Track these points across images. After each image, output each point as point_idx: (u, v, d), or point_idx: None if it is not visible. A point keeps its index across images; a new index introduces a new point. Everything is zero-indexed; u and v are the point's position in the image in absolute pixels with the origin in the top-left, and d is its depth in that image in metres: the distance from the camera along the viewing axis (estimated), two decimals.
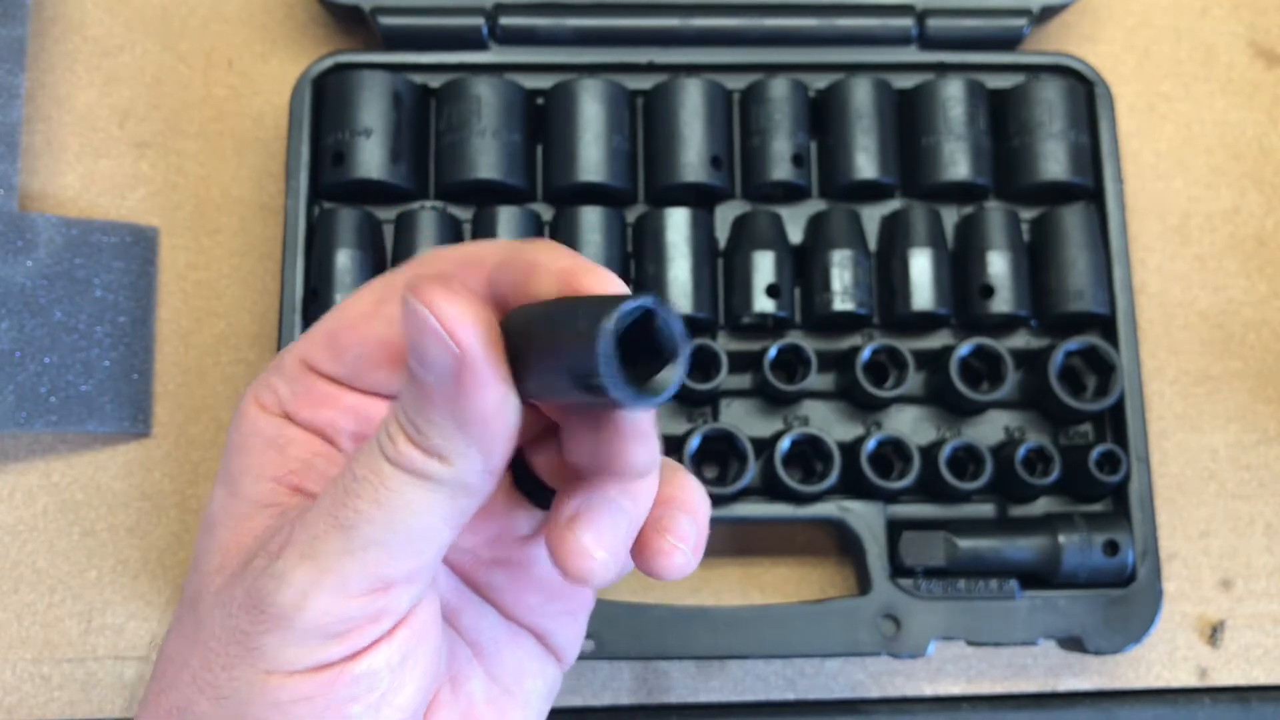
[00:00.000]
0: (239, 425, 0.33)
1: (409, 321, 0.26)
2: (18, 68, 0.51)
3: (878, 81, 0.52)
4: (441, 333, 0.25)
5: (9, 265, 0.49)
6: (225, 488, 0.32)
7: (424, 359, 0.26)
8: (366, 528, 0.27)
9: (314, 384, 0.32)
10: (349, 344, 0.32)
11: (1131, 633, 0.48)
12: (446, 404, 0.26)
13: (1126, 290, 0.51)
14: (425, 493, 0.27)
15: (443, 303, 0.25)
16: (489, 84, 0.51)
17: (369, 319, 0.31)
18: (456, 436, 0.27)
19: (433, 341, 0.26)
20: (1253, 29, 0.59)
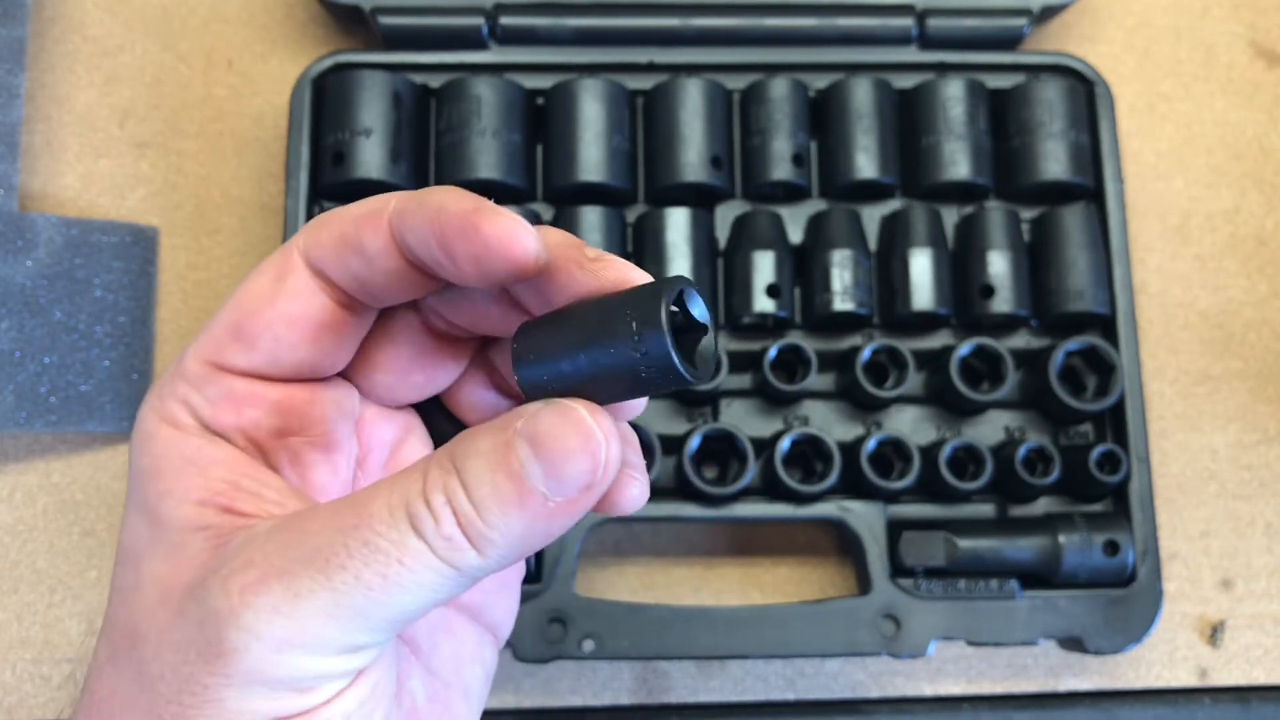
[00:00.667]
0: (147, 447, 0.30)
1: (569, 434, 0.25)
2: (18, 68, 0.51)
3: (878, 81, 0.52)
4: (600, 464, 0.25)
5: (9, 265, 0.49)
6: (142, 515, 0.29)
7: (560, 473, 0.25)
8: (360, 597, 0.25)
9: (229, 384, 0.30)
10: (258, 330, 0.30)
11: (1132, 633, 0.48)
12: (540, 516, 0.25)
13: (1127, 290, 0.51)
14: (442, 578, 0.25)
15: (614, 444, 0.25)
16: (489, 84, 0.51)
17: (273, 299, 0.30)
18: (518, 540, 0.25)
19: (584, 464, 0.25)
20: (1253, 29, 0.59)
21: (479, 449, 0.25)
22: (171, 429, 0.30)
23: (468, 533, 0.25)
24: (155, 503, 0.29)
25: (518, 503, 0.25)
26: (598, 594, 0.51)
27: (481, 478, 0.25)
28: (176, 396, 0.30)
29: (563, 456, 0.25)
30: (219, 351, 0.30)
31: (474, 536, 0.25)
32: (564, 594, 0.47)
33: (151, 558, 0.28)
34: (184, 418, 0.30)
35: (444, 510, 0.25)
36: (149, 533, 0.29)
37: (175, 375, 0.30)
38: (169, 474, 0.29)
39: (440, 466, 0.26)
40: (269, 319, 0.30)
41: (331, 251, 0.29)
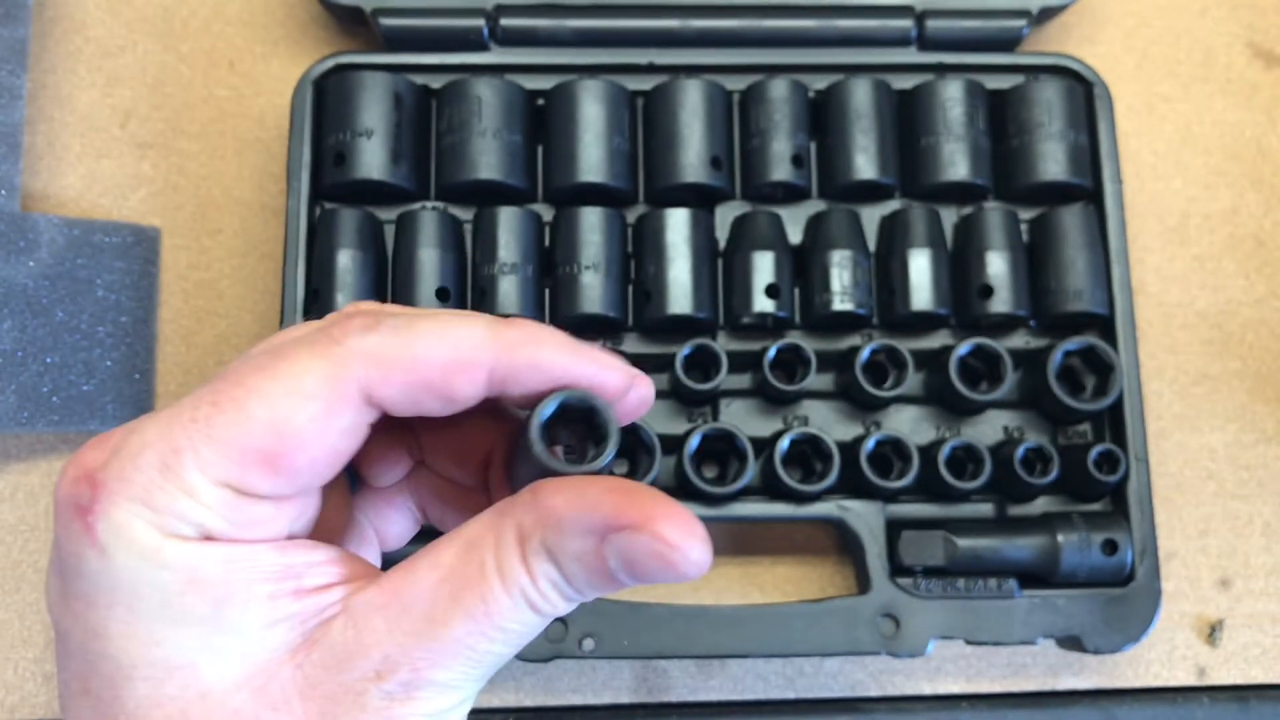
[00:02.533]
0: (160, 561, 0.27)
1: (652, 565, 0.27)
2: (20, 68, 0.51)
3: (877, 82, 0.52)
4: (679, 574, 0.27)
5: (11, 265, 0.49)
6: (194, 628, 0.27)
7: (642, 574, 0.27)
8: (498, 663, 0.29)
9: (252, 510, 0.28)
10: (299, 466, 0.28)
11: (1130, 632, 0.48)
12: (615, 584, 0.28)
13: (1125, 290, 0.51)
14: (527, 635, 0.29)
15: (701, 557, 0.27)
16: (490, 85, 0.51)
17: (323, 435, 0.28)
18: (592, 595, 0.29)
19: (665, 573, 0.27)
20: (1252, 29, 0.59)
21: (573, 552, 0.28)
22: (185, 544, 0.27)
23: (570, 601, 0.29)
24: (209, 611, 0.27)
25: (609, 588, 0.28)
26: None
27: (577, 574, 0.28)
28: (175, 512, 0.27)
29: (652, 577, 0.28)
30: (241, 477, 0.27)
31: (573, 602, 0.29)
32: None
33: (215, 665, 0.27)
34: (188, 534, 0.27)
35: (553, 594, 0.28)
36: (204, 642, 0.27)
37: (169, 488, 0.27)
38: (216, 581, 0.27)
39: (539, 556, 0.28)
40: (313, 456, 0.28)
41: (406, 396, 0.28)
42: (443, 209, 0.51)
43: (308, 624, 0.28)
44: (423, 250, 0.49)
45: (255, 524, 0.28)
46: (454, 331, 0.29)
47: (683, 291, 0.49)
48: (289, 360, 0.28)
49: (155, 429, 0.27)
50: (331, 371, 0.28)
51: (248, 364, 0.28)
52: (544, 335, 0.30)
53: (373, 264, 0.50)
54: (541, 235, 0.51)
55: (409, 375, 0.28)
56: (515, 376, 0.29)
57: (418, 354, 0.28)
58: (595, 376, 0.30)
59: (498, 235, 0.50)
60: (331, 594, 0.28)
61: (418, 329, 0.28)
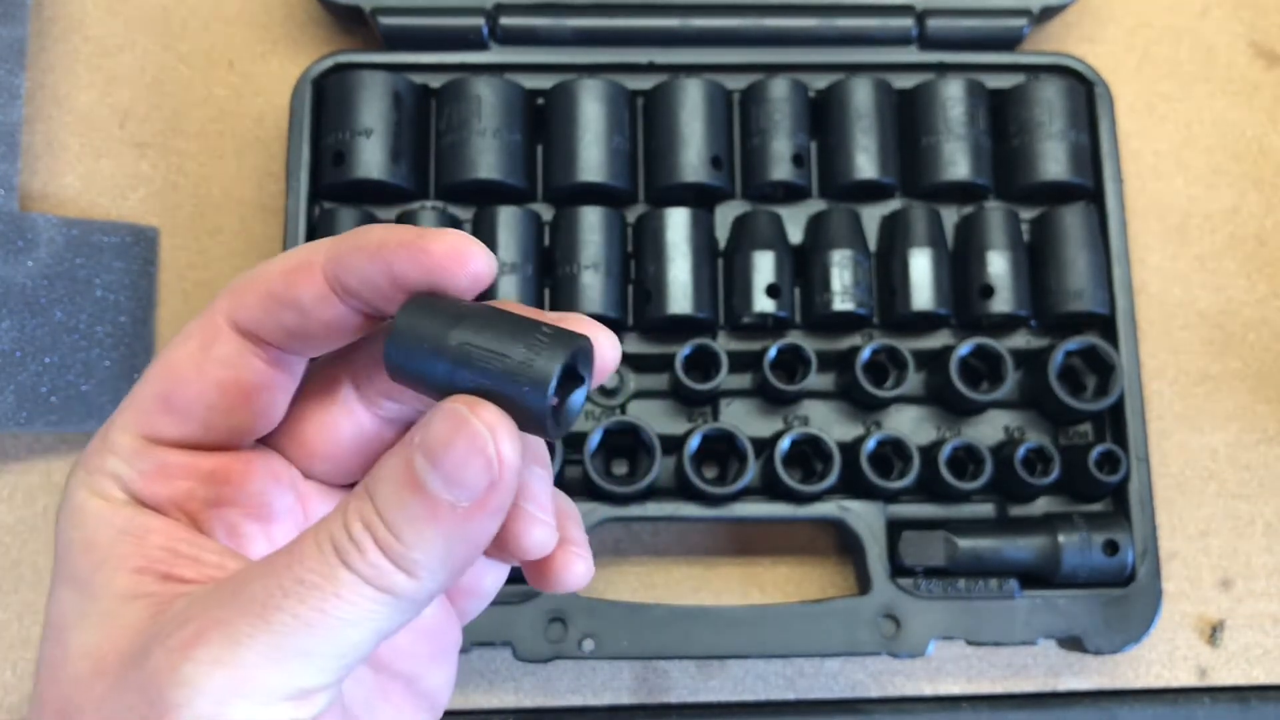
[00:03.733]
0: (76, 520, 0.29)
1: (453, 435, 0.24)
2: (18, 68, 0.51)
3: (878, 81, 0.52)
4: (495, 465, 0.24)
5: (10, 265, 0.49)
6: (71, 588, 0.28)
7: (456, 478, 0.25)
8: (302, 636, 0.25)
9: (160, 456, 0.29)
10: (188, 401, 0.29)
11: (1131, 632, 0.48)
12: (449, 524, 0.25)
13: (1126, 290, 0.51)
14: (377, 606, 0.25)
15: (507, 439, 0.25)
16: (489, 84, 0.51)
17: (201, 367, 0.29)
18: (441, 556, 0.25)
19: (480, 466, 0.24)
20: (1253, 29, 0.59)
21: (385, 472, 0.26)
22: (102, 502, 0.29)
23: (391, 556, 0.25)
24: (88, 575, 0.28)
25: (429, 517, 0.25)
26: (598, 594, 0.51)
27: (390, 500, 0.25)
28: (105, 471, 0.29)
29: (455, 460, 0.25)
30: (148, 424, 0.29)
31: (398, 559, 0.25)
32: (564, 594, 0.47)
33: (82, 629, 0.28)
34: (114, 491, 0.29)
35: (364, 538, 0.25)
36: (79, 605, 0.28)
37: (102, 449, 0.29)
38: (102, 546, 0.28)
39: (357, 496, 0.26)
40: (199, 388, 0.29)
41: (261, 311, 0.29)
42: (442, 208, 0.51)
43: (161, 607, 0.27)
44: None
45: (166, 473, 0.29)
46: (294, 252, 0.29)
47: (683, 291, 0.49)
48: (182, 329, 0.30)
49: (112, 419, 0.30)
50: (203, 319, 0.29)
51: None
52: (371, 228, 0.28)
53: None
54: (541, 235, 0.51)
55: (257, 290, 0.29)
56: (342, 263, 0.28)
57: (262, 270, 0.29)
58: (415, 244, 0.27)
59: (497, 235, 0.50)
60: (194, 586, 0.28)
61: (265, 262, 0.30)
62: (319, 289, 0.28)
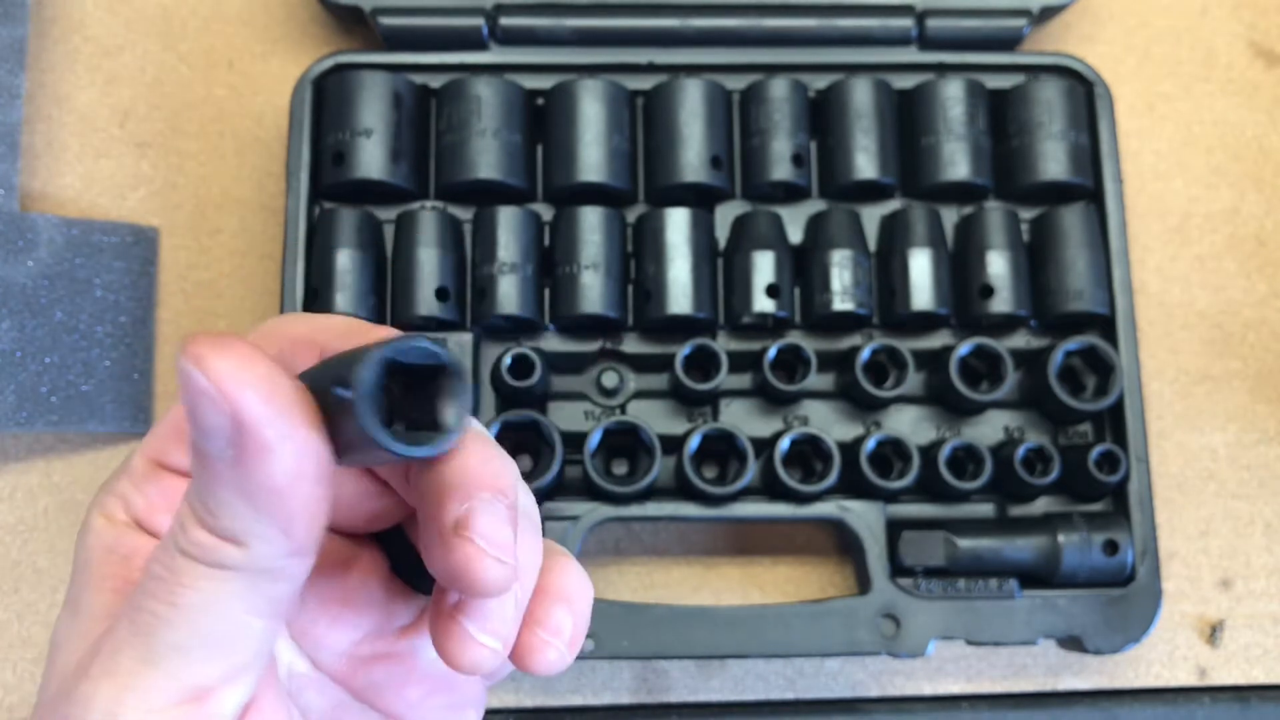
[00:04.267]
0: (83, 541, 0.29)
1: (181, 384, 0.23)
2: (18, 68, 0.51)
3: (878, 82, 0.52)
4: (214, 393, 0.22)
5: (10, 265, 0.49)
6: (68, 608, 0.29)
7: (201, 426, 0.23)
8: (164, 631, 0.24)
9: (169, 483, 0.29)
10: None
11: (1131, 632, 0.48)
12: (231, 477, 0.23)
13: (1126, 290, 0.51)
14: (221, 584, 0.24)
15: (215, 359, 0.22)
16: (489, 84, 0.51)
17: None
18: (247, 514, 0.23)
19: (206, 404, 0.22)
20: (1253, 29, 0.59)
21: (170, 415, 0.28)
22: (105, 522, 0.29)
23: (210, 528, 0.24)
24: (78, 594, 0.28)
25: (214, 476, 0.23)
26: (598, 593, 0.51)
27: (195, 475, 0.24)
28: (117, 492, 0.29)
29: (193, 413, 0.23)
30: (163, 450, 0.29)
31: (217, 530, 0.24)
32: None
33: (66, 650, 0.27)
34: (119, 513, 0.29)
35: (188, 517, 0.24)
36: (69, 624, 0.28)
37: (122, 472, 0.30)
38: (94, 565, 0.29)
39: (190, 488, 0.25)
40: None
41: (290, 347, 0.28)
42: (442, 209, 0.51)
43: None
44: (422, 250, 0.49)
45: (169, 497, 0.29)
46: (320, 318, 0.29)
47: (683, 291, 0.49)
48: None
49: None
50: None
51: None
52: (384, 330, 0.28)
53: (372, 264, 0.50)
54: (541, 235, 0.51)
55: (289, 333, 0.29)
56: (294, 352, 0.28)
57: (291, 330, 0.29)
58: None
59: (497, 235, 0.50)
60: None
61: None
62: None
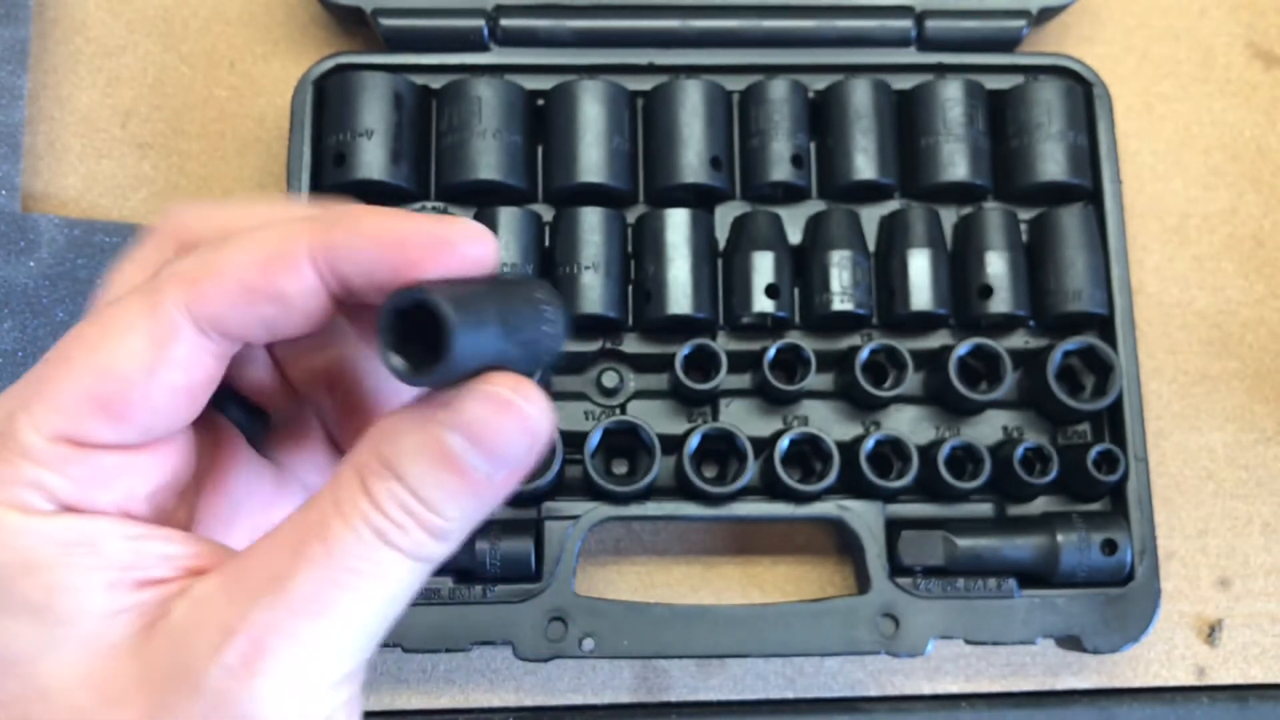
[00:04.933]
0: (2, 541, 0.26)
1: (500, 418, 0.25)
2: (20, 69, 0.51)
3: (877, 82, 0.52)
4: (538, 433, 0.25)
5: (12, 266, 0.49)
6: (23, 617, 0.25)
7: (504, 455, 0.25)
8: (361, 624, 0.25)
9: (93, 460, 0.26)
10: (133, 404, 0.26)
11: (1129, 632, 0.48)
12: (493, 493, 0.26)
13: (1125, 290, 0.51)
14: (418, 576, 0.26)
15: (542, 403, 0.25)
16: (490, 85, 0.51)
17: (153, 370, 0.26)
18: (472, 521, 0.26)
19: (526, 441, 0.25)
20: (1251, 30, 0.59)
21: (409, 448, 0.25)
22: (24, 516, 0.26)
23: (429, 530, 0.26)
24: (43, 599, 0.25)
25: (469, 491, 0.25)
26: (598, 593, 0.51)
27: (425, 478, 0.25)
28: (21, 480, 0.26)
29: (500, 442, 0.25)
30: (77, 426, 0.26)
31: (436, 531, 0.26)
32: (564, 593, 0.48)
33: (54, 660, 0.25)
34: (39, 503, 0.26)
35: (405, 518, 0.25)
36: (41, 634, 0.25)
37: (7, 453, 0.26)
38: (51, 565, 0.25)
39: (377, 475, 0.25)
40: (147, 392, 0.26)
41: (230, 305, 0.26)
42: (443, 209, 0.51)
43: (148, 615, 0.26)
44: None
45: (104, 478, 0.26)
46: (264, 233, 0.27)
47: (683, 291, 0.50)
48: (112, 307, 0.27)
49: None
50: (148, 302, 0.26)
51: (79, 324, 0.27)
52: (363, 209, 0.27)
53: None
54: (541, 235, 0.51)
55: (225, 283, 0.26)
56: (340, 254, 0.26)
57: (229, 259, 0.26)
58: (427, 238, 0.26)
59: (497, 235, 0.50)
60: (176, 585, 0.26)
61: (229, 243, 0.27)
62: (306, 282, 0.26)
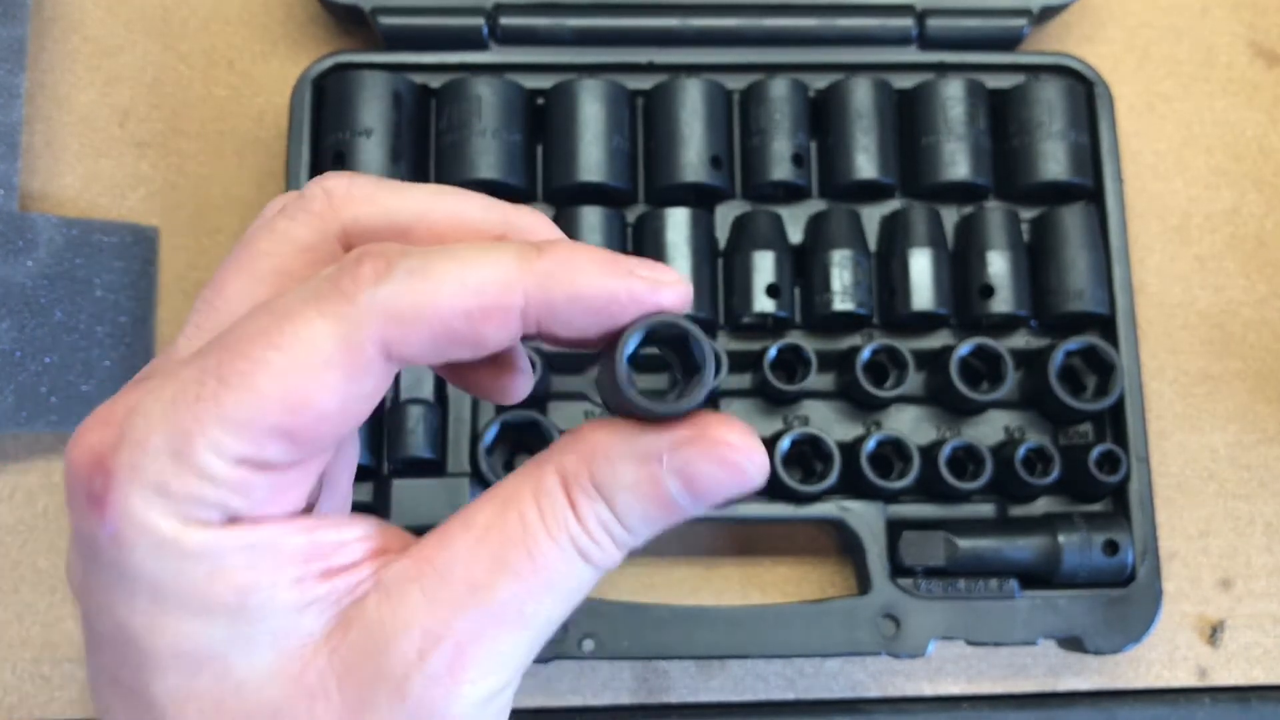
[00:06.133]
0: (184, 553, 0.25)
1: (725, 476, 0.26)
2: (18, 68, 0.51)
3: (878, 81, 0.52)
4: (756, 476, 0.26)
5: (9, 265, 0.49)
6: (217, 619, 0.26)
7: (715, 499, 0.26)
8: (549, 630, 0.27)
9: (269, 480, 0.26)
10: (321, 435, 0.26)
11: (1131, 632, 0.48)
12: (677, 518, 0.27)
13: (1126, 290, 0.51)
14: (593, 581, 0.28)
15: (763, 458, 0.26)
16: (489, 84, 0.51)
17: (345, 404, 0.26)
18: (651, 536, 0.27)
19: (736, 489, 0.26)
20: (1253, 29, 0.59)
21: (625, 481, 0.26)
22: (206, 531, 0.25)
23: (622, 547, 0.27)
24: (235, 600, 0.26)
25: (668, 519, 0.27)
26: (598, 594, 0.51)
27: (633, 509, 0.27)
28: (201, 500, 0.25)
29: (718, 494, 0.26)
30: (260, 452, 0.25)
31: (626, 547, 0.27)
32: None
33: (246, 655, 0.26)
34: (213, 516, 0.26)
35: (605, 539, 0.27)
36: (234, 632, 0.26)
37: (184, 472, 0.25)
38: (239, 569, 0.26)
39: (586, 495, 0.27)
40: (336, 424, 0.26)
41: (430, 348, 0.26)
42: None
43: (341, 604, 0.26)
44: None
45: (280, 491, 0.26)
46: (477, 272, 0.26)
47: None
48: (296, 323, 0.25)
49: (159, 409, 0.25)
50: (345, 333, 0.25)
51: (251, 328, 0.25)
52: (580, 259, 0.26)
53: None
54: None
55: (431, 328, 0.25)
56: (554, 314, 0.26)
57: (439, 303, 0.25)
58: (646, 297, 0.27)
59: None
60: (361, 570, 0.27)
61: (436, 273, 0.25)
62: (511, 334, 0.26)
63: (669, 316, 0.26)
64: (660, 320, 0.26)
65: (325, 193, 0.29)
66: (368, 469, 0.48)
